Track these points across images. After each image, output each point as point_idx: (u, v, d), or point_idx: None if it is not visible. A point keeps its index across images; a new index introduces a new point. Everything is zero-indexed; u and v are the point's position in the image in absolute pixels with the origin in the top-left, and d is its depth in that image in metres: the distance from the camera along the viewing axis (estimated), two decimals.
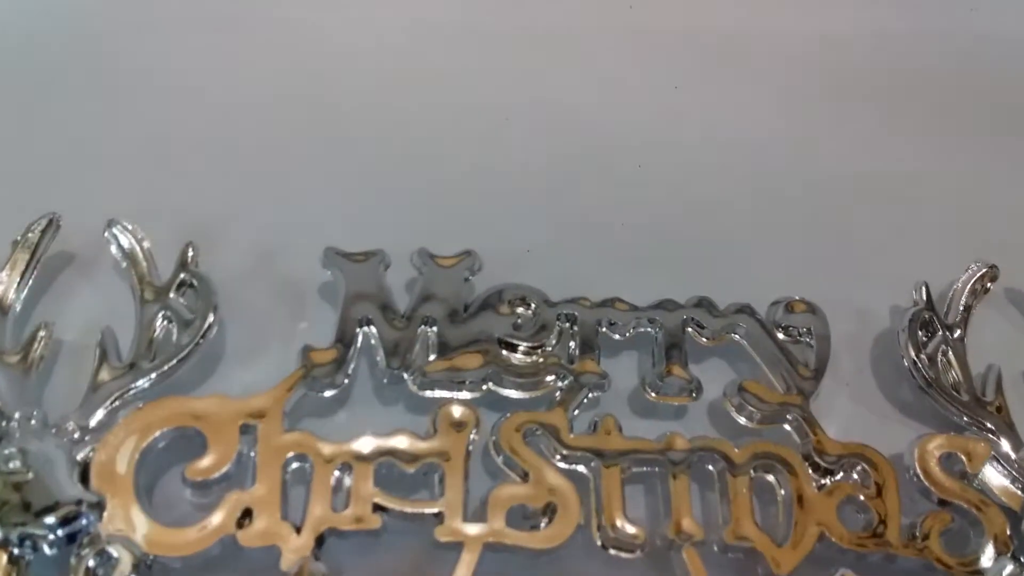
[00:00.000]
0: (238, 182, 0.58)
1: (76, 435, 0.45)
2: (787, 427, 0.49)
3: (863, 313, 0.55)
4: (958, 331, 0.52)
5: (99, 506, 0.43)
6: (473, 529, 0.44)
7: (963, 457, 0.47)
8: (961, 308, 0.53)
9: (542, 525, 0.45)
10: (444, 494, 0.45)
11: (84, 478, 0.44)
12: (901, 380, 0.53)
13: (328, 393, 0.48)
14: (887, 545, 0.46)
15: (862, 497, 0.47)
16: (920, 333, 0.52)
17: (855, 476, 0.48)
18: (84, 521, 0.42)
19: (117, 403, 0.46)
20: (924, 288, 0.53)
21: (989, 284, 0.54)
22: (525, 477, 0.46)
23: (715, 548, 0.46)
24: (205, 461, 0.45)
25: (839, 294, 0.54)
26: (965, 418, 0.50)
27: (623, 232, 0.57)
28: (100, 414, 0.46)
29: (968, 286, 0.54)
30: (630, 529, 0.45)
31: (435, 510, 0.45)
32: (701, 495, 0.48)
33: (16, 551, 0.42)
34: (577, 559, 0.47)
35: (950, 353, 0.52)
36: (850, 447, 0.48)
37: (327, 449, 0.46)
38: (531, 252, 0.54)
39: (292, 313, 0.53)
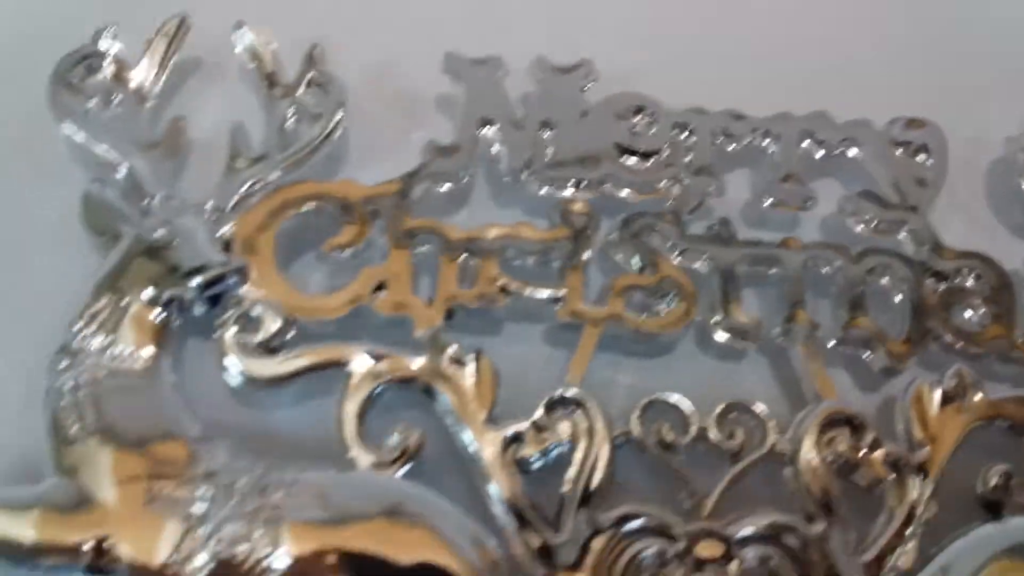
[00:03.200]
0: None
1: (215, 216, 0.47)
2: (902, 236, 0.50)
3: (977, 141, 0.54)
4: None
5: (242, 271, 0.45)
6: (593, 310, 0.46)
7: None
8: None
9: (661, 311, 0.47)
10: (565, 280, 0.47)
11: (227, 247, 0.46)
12: (1014, 205, 0.53)
13: (448, 186, 0.50)
14: (1004, 346, 0.46)
15: (979, 300, 0.47)
16: None
17: (970, 282, 0.48)
18: (229, 282, 0.44)
19: (252, 188, 0.49)
20: None
21: None
22: (642, 270, 0.48)
23: (832, 342, 0.47)
24: (341, 237, 0.47)
25: (954, 121, 0.54)
26: None
27: (743, 45, 0.57)
28: (235, 198, 0.48)
29: None
30: (746, 318, 0.47)
31: (558, 293, 0.47)
32: (815, 296, 0.49)
33: (164, 312, 0.45)
34: (690, 355, 0.49)
35: None
36: (967, 253, 0.49)
37: (455, 233, 0.48)
38: (649, 62, 0.54)
39: (412, 121, 0.53)
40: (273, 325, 0.44)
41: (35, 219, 0.50)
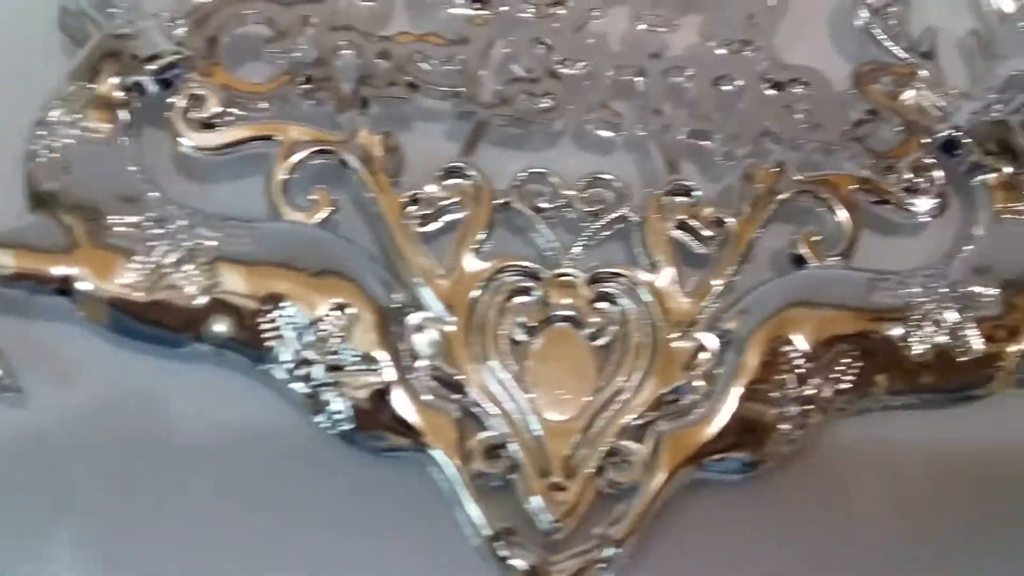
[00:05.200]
0: None
1: (172, 21, 0.56)
2: (748, 53, 0.58)
3: None
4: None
5: (190, 59, 0.54)
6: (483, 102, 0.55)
7: (888, 76, 0.58)
8: None
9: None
10: (464, 81, 0.56)
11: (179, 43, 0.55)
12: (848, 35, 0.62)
13: (370, 4, 0.58)
14: (822, 137, 0.56)
15: (806, 105, 0.57)
16: None
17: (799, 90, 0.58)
18: (178, 69, 0.54)
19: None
20: None
21: None
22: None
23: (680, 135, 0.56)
24: (274, 39, 0.56)
25: None
26: (900, 60, 0.59)
27: None
28: (190, 7, 0.56)
29: None
30: (613, 116, 0.56)
31: (457, 90, 0.55)
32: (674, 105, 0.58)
33: (125, 95, 0.54)
34: (571, 149, 0.58)
35: (892, 11, 0.60)
36: (799, 67, 0.58)
37: (372, 37, 0.56)
38: None
39: None
40: (214, 104, 0.54)
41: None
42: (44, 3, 0.57)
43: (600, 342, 0.51)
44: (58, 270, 0.50)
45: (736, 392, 0.50)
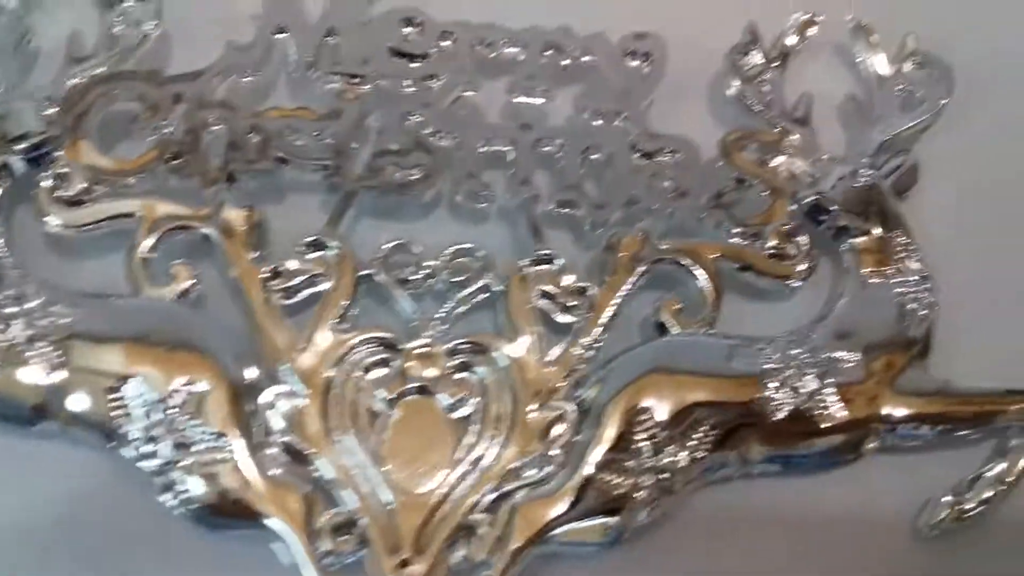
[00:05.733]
0: None
1: (46, 100, 0.56)
2: (619, 123, 0.59)
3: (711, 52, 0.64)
4: (776, 62, 0.63)
5: (58, 139, 0.55)
6: (352, 174, 0.56)
7: (756, 144, 0.59)
8: (782, 46, 0.63)
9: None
10: (334, 154, 0.57)
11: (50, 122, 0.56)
12: (724, 102, 0.63)
13: (249, 79, 0.59)
14: (688, 206, 0.57)
15: (673, 172, 0.58)
16: (745, 64, 0.62)
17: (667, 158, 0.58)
18: (46, 148, 0.54)
19: (80, 80, 0.57)
20: (752, 27, 0.63)
21: (811, 30, 0.64)
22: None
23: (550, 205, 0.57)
24: (145, 115, 0.56)
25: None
26: (774, 126, 0.60)
27: None
28: (65, 87, 0.57)
29: (791, 29, 0.63)
30: (480, 187, 0.57)
31: (327, 162, 0.56)
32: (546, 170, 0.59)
33: None
34: (443, 220, 0.59)
35: (767, 79, 0.62)
36: (668, 136, 0.59)
37: (243, 113, 0.56)
38: None
39: (229, 30, 0.61)
40: (80, 181, 0.54)
41: None
42: None
43: (459, 414, 0.51)
44: None
45: (592, 462, 0.50)
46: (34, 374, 0.49)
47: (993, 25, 0.68)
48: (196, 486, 0.48)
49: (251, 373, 0.51)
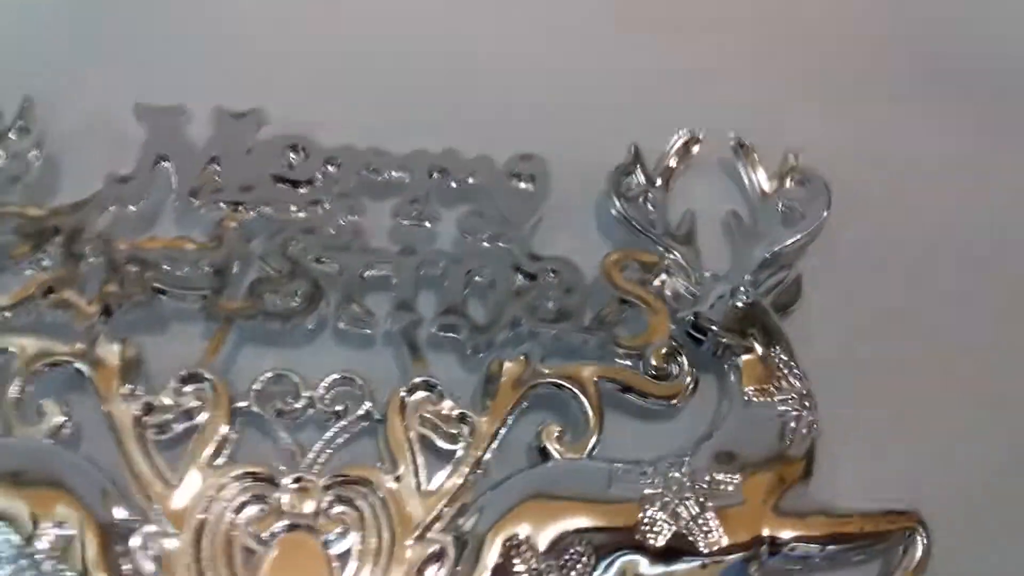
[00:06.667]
0: None
1: None
2: (504, 244, 0.61)
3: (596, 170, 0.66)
4: (659, 181, 0.64)
5: None
6: (228, 303, 0.56)
7: (637, 264, 0.60)
8: (665, 165, 0.65)
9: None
10: (213, 283, 0.57)
11: None
12: (610, 221, 0.64)
13: (132, 209, 0.59)
14: (570, 328, 0.57)
15: (555, 293, 0.58)
16: (628, 183, 0.64)
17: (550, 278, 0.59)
18: None
19: None
20: (634, 147, 0.65)
21: (694, 148, 0.66)
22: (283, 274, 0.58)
23: (432, 328, 0.57)
24: (21, 248, 0.56)
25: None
26: (658, 245, 0.61)
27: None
28: None
29: (674, 148, 0.65)
30: (360, 311, 0.57)
31: (204, 292, 0.57)
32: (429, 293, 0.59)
33: None
34: (328, 347, 0.58)
35: (651, 197, 0.63)
36: (551, 258, 0.60)
37: (121, 245, 0.57)
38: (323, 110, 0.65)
39: (119, 158, 0.62)
40: None
41: None
42: None
43: (337, 549, 0.50)
44: None
45: None
46: None
47: (869, 138, 0.71)
48: None
49: (120, 513, 0.50)
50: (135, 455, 0.51)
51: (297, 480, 0.51)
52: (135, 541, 0.49)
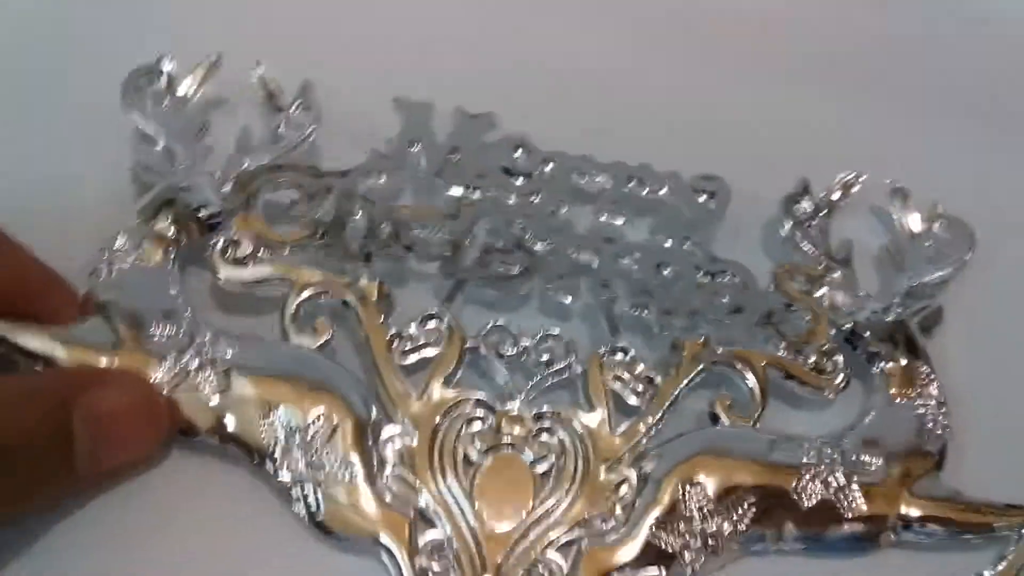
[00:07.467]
0: None
1: (221, 180, 0.69)
2: (687, 247, 0.71)
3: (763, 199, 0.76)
4: (824, 212, 0.74)
5: (232, 211, 0.67)
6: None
7: (803, 276, 0.70)
8: (829, 198, 0.75)
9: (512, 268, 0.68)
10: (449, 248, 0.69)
11: (224, 198, 0.68)
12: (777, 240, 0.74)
13: (384, 179, 0.71)
14: (743, 320, 0.68)
15: (730, 291, 0.69)
16: (796, 210, 0.74)
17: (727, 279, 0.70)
18: (220, 218, 0.67)
19: (248, 166, 0.71)
20: (805, 180, 0.75)
21: (853, 189, 0.75)
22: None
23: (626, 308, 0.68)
24: (301, 202, 0.69)
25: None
26: (819, 264, 0.71)
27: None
28: (236, 171, 0.69)
29: (839, 183, 0.75)
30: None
31: (445, 252, 0.68)
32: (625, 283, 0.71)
33: (175, 235, 0.66)
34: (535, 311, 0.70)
35: (816, 223, 0.73)
36: (728, 261, 0.70)
37: (374, 206, 0.69)
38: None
39: (372, 137, 0.74)
40: (246, 247, 0.66)
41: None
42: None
43: (540, 469, 0.61)
44: (102, 365, 0.61)
45: (648, 522, 0.60)
46: (199, 395, 0.60)
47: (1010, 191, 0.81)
48: (323, 502, 0.58)
49: (373, 414, 0.61)
50: (386, 371, 0.63)
51: (512, 410, 0.62)
52: (384, 434, 0.61)
